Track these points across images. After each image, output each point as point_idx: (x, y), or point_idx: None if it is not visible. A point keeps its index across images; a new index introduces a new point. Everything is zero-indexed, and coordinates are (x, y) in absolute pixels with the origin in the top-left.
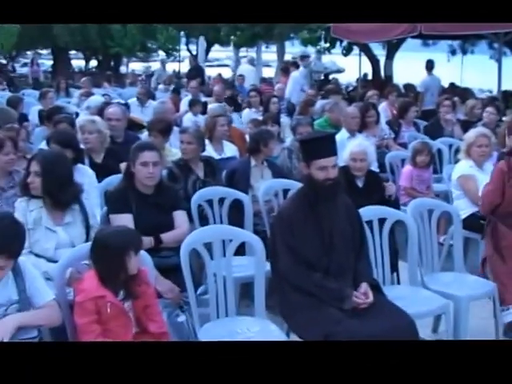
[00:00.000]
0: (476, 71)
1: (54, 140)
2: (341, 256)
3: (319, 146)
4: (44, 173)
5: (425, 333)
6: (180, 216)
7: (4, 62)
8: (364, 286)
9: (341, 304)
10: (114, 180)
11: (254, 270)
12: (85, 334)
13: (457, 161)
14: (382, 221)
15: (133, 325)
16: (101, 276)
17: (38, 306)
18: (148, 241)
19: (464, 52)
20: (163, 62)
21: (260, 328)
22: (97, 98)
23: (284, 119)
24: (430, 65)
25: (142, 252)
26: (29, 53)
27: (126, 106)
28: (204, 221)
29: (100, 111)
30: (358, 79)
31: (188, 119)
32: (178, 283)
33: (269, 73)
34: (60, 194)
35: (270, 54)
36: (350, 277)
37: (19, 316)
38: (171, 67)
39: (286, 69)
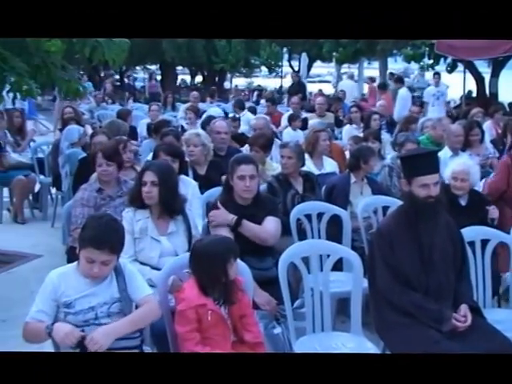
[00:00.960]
0: None
1: (164, 151)
2: (441, 276)
3: (421, 162)
4: (161, 182)
5: None
6: (269, 220)
7: (117, 77)
8: (464, 308)
9: (439, 325)
10: (215, 192)
11: (351, 285)
12: (185, 342)
13: None
14: (484, 242)
15: (231, 333)
16: (201, 284)
17: (137, 301)
18: (230, 218)
19: None
20: (294, 78)
21: (355, 345)
22: (216, 110)
23: (385, 136)
24: None
25: (241, 263)
26: (138, 68)
27: (239, 119)
28: (302, 235)
29: (204, 124)
30: (461, 96)
31: (288, 134)
32: (275, 296)
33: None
34: (173, 203)
35: (371, 70)
36: (450, 297)
37: (119, 326)
38: (273, 83)
39: (383, 85)
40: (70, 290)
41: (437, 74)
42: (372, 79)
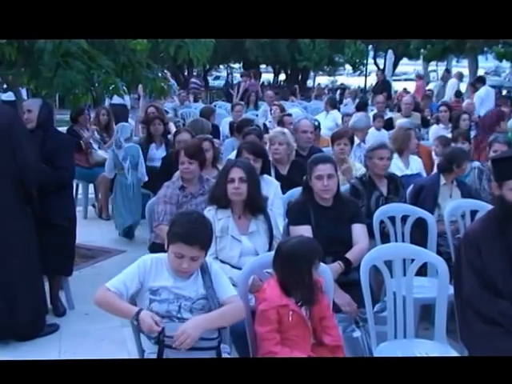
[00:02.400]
0: None
1: (248, 150)
2: None
3: None
4: (248, 179)
5: None
6: (359, 230)
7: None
8: None
9: None
10: (296, 192)
11: (435, 292)
12: (265, 342)
13: None
14: None
15: (311, 335)
16: (284, 285)
17: (222, 301)
18: (337, 267)
19: None
20: (444, 79)
21: (439, 353)
22: (298, 112)
23: None
24: None
25: (321, 264)
26: (221, 67)
27: (319, 127)
28: (385, 238)
29: (279, 122)
30: None
31: (372, 134)
32: (356, 299)
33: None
34: (258, 201)
35: (460, 68)
36: None
37: (209, 318)
38: (356, 81)
39: (475, 83)
40: (158, 278)
41: None
42: (420, 76)
